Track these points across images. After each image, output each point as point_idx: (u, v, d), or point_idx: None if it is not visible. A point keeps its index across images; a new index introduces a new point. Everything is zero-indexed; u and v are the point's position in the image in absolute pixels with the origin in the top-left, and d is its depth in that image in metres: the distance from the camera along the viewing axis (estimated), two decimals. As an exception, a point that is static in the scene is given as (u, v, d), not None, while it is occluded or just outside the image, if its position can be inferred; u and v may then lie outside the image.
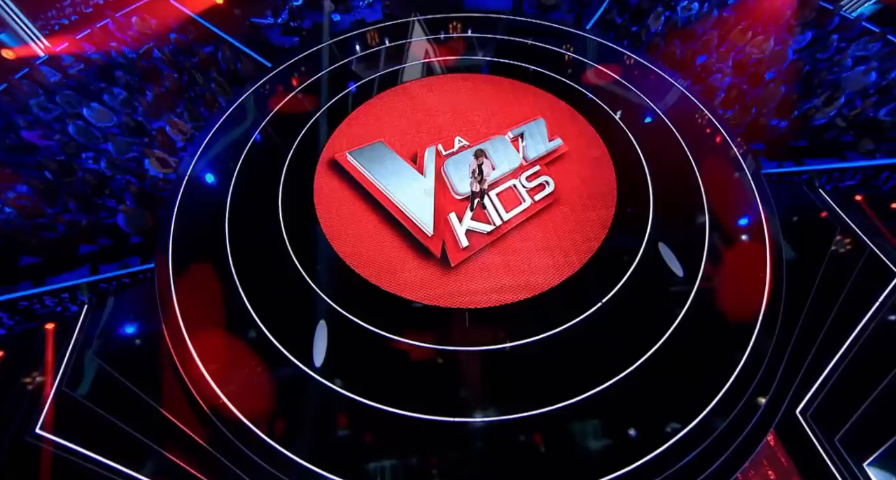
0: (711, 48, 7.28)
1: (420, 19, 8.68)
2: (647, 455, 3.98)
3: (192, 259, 5.61)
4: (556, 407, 4.28)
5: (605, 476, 3.92)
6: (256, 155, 6.80)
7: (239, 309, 5.07)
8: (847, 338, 4.97)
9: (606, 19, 8.51)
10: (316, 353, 4.73)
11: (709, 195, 5.80)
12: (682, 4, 7.97)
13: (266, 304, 5.13)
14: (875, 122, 6.16)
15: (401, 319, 4.96)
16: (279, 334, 4.87)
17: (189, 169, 6.60)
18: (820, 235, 5.65)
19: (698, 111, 6.69)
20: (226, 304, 5.14)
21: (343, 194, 6.17)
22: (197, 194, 6.33)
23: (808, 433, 4.25)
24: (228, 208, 6.08)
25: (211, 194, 6.33)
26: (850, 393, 4.54)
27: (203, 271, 5.48)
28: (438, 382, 4.55)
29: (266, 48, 8.99)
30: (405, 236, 5.66)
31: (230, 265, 5.46)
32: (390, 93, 7.48)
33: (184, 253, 5.66)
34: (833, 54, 6.74)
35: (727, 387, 4.45)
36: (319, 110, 7.25)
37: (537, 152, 6.42)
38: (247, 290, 5.24)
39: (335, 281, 5.30)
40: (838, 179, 6.03)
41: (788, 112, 6.37)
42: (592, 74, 7.35)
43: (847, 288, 5.31)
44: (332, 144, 6.74)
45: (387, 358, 4.71)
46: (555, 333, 4.78)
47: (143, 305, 5.32)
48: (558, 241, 5.51)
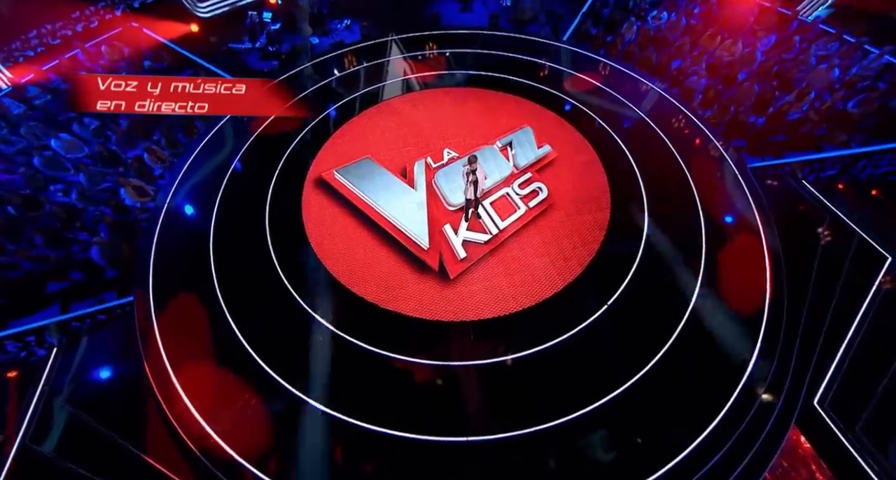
0: (684, 53, 7.86)
1: (397, 38, 9.08)
2: (672, 461, 3.95)
3: (175, 290, 5.47)
4: (574, 417, 4.24)
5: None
6: (240, 179, 6.81)
7: (229, 340, 4.92)
8: (851, 325, 5.17)
9: (582, 31, 9.11)
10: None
11: (700, 191, 6.08)
12: (651, 14, 8.63)
13: (258, 332, 5.00)
14: (845, 114, 6.68)
15: (402, 337, 4.91)
16: (274, 362, 4.73)
17: (168, 196, 6.54)
18: (810, 225, 5.97)
19: (679, 112, 7.13)
20: (214, 335, 4.99)
21: (333, 213, 6.20)
22: (178, 222, 6.26)
23: (828, 423, 4.32)
24: (212, 234, 6.01)
25: (193, 221, 6.27)
26: (863, 378, 4.67)
27: (188, 302, 5.34)
28: (451, 401, 4.47)
29: (245, 72, 9.20)
30: (401, 251, 5.68)
31: (217, 293, 5.35)
32: (374, 111, 7.71)
33: (166, 284, 5.52)
34: (797, 54, 7.36)
35: (742, 385, 4.52)
36: (302, 131, 7.37)
37: (527, 159, 6.66)
38: (236, 319, 5.11)
39: (331, 302, 5.23)
40: (819, 169, 6.45)
41: (764, 109, 6.85)
42: (575, 82, 7.78)
43: (843, 274, 5.57)
44: (318, 164, 6.82)
45: (391, 380, 4.62)
46: (565, 339, 4.81)
47: (121, 343, 5.12)
48: (557, 246, 5.64)
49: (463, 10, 11.35)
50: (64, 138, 6.97)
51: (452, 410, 4.40)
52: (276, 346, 4.90)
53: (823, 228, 5.89)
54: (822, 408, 4.48)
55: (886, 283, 5.43)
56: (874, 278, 5.53)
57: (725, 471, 3.95)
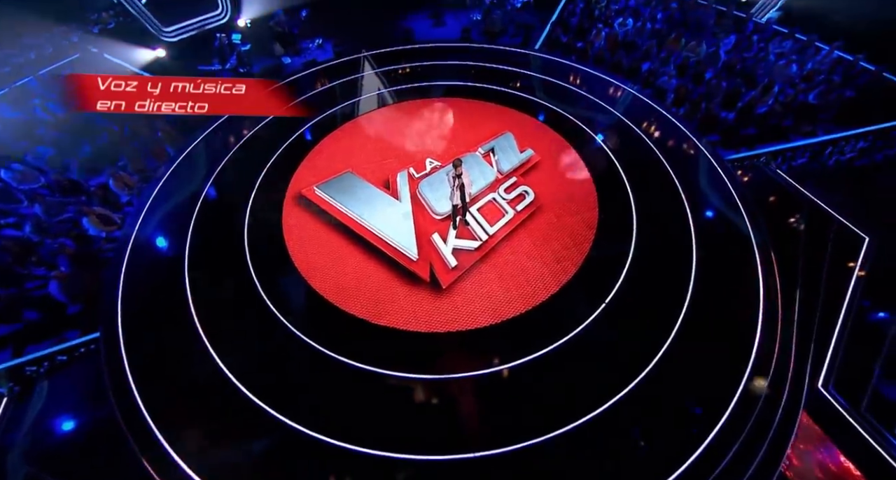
0: (653, 56, 8.35)
1: (369, 55, 9.28)
2: (691, 456, 3.91)
3: (147, 323, 5.19)
4: (589, 419, 4.17)
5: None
6: (214, 201, 6.65)
7: (212, 374, 4.65)
8: (842, 306, 5.37)
9: (552, 39, 9.57)
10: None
11: (683, 184, 6.32)
12: (617, 21, 9.18)
13: (244, 363, 4.75)
14: (807, 106, 7.18)
15: (397, 352, 4.77)
16: (264, 395, 4.48)
17: (137, 224, 6.29)
18: (790, 212, 6.27)
19: (654, 111, 7.49)
20: (195, 371, 4.71)
21: (316, 229, 6.10)
22: (148, 250, 6.01)
23: (834, 405, 4.40)
24: (187, 261, 5.78)
25: (165, 248, 6.03)
26: (860, 358, 4.82)
27: (162, 335, 5.05)
28: (457, 416, 4.32)
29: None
30: (389, 264, 5.61)
31: (195, 324, 5.08)
32: (352, 126, 7.77)
33: (136, 317, 5.23)
34: (757, 53, 7.94)
35: (747, 375, 4.56)
36: (278, 150, 7.32)
37: (511, 164, 6.79)
38: (219, 350, 4.85)
39: (320, 322, 5.06)
40: (791, 158, 6.84)
41: (733, 104, 7.29)
42: (551, 88, 8.09)
43: (827, 257, 5.84)
44: (297, 181, 6.75)
45: (390, 400, 4.44)
46: (566, 341, 4.78)
47: (86, 386, 4.76)
48: (549, 248, 5.69)
49: (435, 25, 11.81)
50: (16, 169, 6.67)
51: (459, 425, 4.25)
52: (266, 376, 4.65)
53: (803, 214, 6.19)
54: (827, 391, 4.57)
55: (867, 264, 5.73)
56: (857, 259, 5.82)
57: (745, 461, 3.94)
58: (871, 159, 7.39)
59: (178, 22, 10.39)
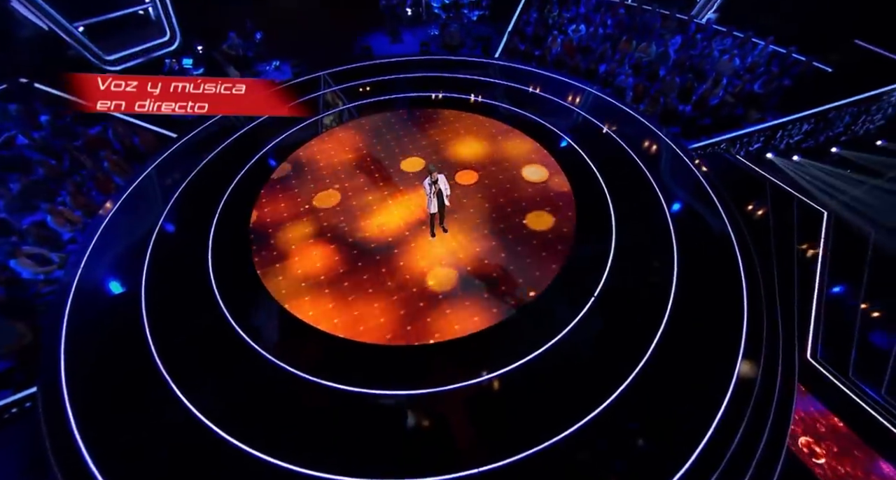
0: (608, 58, 8.87)
1: (328, 72, 9.26)
2: (699, 446, 3.88)
3: (99, 373, 4.67)
4: (602, 410, 4.07)
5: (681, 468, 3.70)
6: (173, 234, 6.25)
7: (185, 423, 4.19)
8: (815, 278, 5.68)
9: (510, 48, 10.00)
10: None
11: (653, 174, 6.59)
12: (571, 28, 9.75)
13: (222, 406, 4.35)
14: (754, 96, 7.80)
15: (385, 370, 4.54)
16: (252, 440, 4.07)
17: (82, 263, 5.76)
18: (753, 194, 6.66)
19: (617, 108, 7.86)
20: (162, 421, 4.24)
21: (289, 253, 5.84)
22: (96, 292, 5.50)
23: (825, 374, 4.56)
24: (144, 301, 5.30)
25: (117, 288, 5.54)
26: (840, 325, 5.08)
27: (119, 385, 4.56)
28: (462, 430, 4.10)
29: (167, 121, 8.80)
30: (370, 280, 5.42)
31: (159, 369, 4.61)
32: (318, 142, 7.64)
33: (84, 368, 4.71)
34: (703, 50, 8.63)
35: (741, 357, 4.63)
36: (238, 175, 7.02)
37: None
38: (192, 398, 4.39)
39: (303, 349, 4.77)
40: (747, 144, 7.34)
41: (688, 97, 7.80)
42: (511, 93, 8.35)
43: (795, 234, 6.21)
44: (263, 207, 6.46)
45: (383, 422, 4.17)
46: (563, 336, 4.73)
47: (19, 454, 4.15)
48: (532, 248, 5.70)
49: (393, 41, 12.09)
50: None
51: (465, 439, 4.03)
52: (251, 418, 4.27)
53: (766, 195, 6.60)
54: (816, 362, 4.73)
55: (829, 236, 6.15)
56: (819, 232, 6.23)
57: (752, 441, 3.94)
58: (815, 140, 8.08)
59: (121, 50, 10.02)
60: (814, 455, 3.78)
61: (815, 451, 3.80)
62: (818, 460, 3.74)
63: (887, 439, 4.13)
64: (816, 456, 3.76)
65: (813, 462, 3.76)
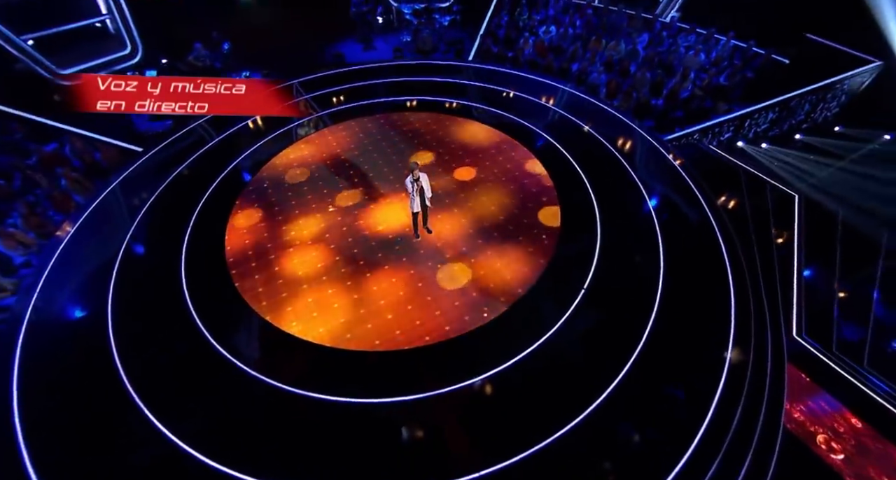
0: (580, 57, 9.14)
1: (299, 81, 9.15)
2: (700, 430, 3.90)
3: (60, 411, 4.35)
4: (607, 396, 4.04)
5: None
6: (142, 253, 5.96)
7: (167, 458, 3.92)
8: (793, 259, 5.91)
9: (483, 50, 10.18)
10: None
11: (633, 166, 6.75)
12: (542, 30, 10.03)
13: (206, 433, 4.11)
14: (721, 88, 8.17)
15: (377, 378, 4.41)
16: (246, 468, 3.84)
17: (37, 289, 5.39)
18: (728, 181, 6.91)
19: (592, 104, 8.07)
20: (142, 462, 3.95)
21: (270, 264, 5.66)
22: (55, 320, 5.16)
23: (812, 351, 4.71)
24: (112, 329, 4.98)
25: (79, 315, 5.22)
26: (819, 302, 5.28)
27: (87, 424, 4.24)
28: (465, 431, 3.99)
29: (133, 135, 8.49)
30: (355, 286, 5.30)
31: (137, 404, 4.31)
32: (289, 152, 7.52)
33: (42, 407, 4.37)
34: (669, 46, 9.01)
35: (731, 341, 4.72)
36: (209, 189, 6.79)
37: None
38: (178, 430, 4.11)
39: (291, 363, 4.60)
40: (718, 134, 7.65)
41: (659, 92, 8.10)
42: (485, 93, 8.47)
43: (771, 218, 6.46)
44: (236, 223, 6.25)
45: (371, 431, 4.03)
46: (557, 330, 4.72)
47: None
48: (518, 244, 5.72)
49: (366, 49, 12.12)
50: None
51: (464, 444, 3.93)
52: (243, 446, 4.03)
53: (740, 181, 6.86)
54: (803, 339, 4.88)
55: (802, 218, 6.44)
56: (792, 215, 6.51)
57: (750, 420, 4.00)
58: (780, 128, 8.51)
59: (77, 64, 9.61)
60: (832, 451, 3.95)
61: (833, 448, 3.97)
62: (837, 456, 3.91)
63: (870, 404, 4.35)
64: (835, 452, 3.93)
65: (832, 458, 3.92)
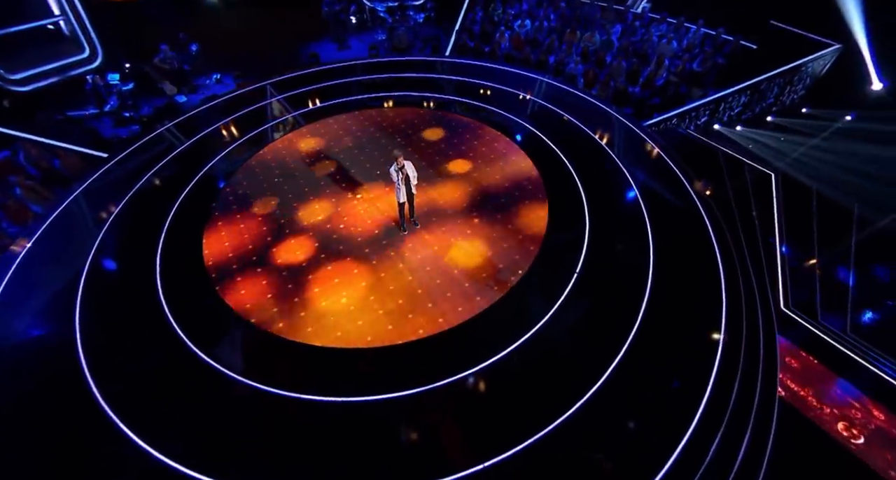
0: (556, 49, 9.28)
1: (270, 83, 8.97)
2: (699, 409, 3.93)
3: (25, 443, 4.08)
4: (601, 385, 4.02)
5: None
6: (108, 268, 5.66)
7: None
8: (774, 235, 6.10)
9: (460, 46, 10.23)
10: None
11: (616, 152, 6.85)
12: (517, 23, 10.16)
13: (196, 447, 3.90)
14: (694, 74, 8.43)
15: (372, 376, 4.30)
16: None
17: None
18: (708, 163, 7.11)
19: (572, 94, 8.17)
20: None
21: (253, 265, 5.48)
22: (10, 342, 4.82)
23: (799, 321, 4.85)
24: (83, 350, 4.69)
25: (42, 336, 4.90)
26: (801, 274, 5.45)
27: (58, 453, 3.97)
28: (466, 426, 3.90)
29: (97, 141, 8.14)
30: (343, 284, 5.17)
31: (118, 425, 4.05)
32: (267, 152, 7.34)
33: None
34: (643, 36, 9.25)
35: (724, 319, 4.77)
36: (182, 193, 6.53)
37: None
38: (164, 448, 3.87)
39: (283, 366, 4.46)
40: (695, 118, 7.88)
41: (636, 80, 8.29)
42: (470, 87, 8.49)
43: (751, 196, 6.67)
44: (215, 229, 6.03)
45: (366, 430, 3.91)
46: (553, 315, 4.70)
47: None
48: (507, 232, 5.70)
49: (341, 48, 12.03)
50: None
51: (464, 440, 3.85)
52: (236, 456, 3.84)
53: (720, 163, 7.07)
54: (790, 310, 5.02)
55: (780, 195, 6.68)
56: (770, 194, 6.75)
57: (748, 395, 4.06)
58: (752, 111, 8.83)
59: (29, 68, 9.12)
60: (852, 436, 4.09)
61: (853, 433, 4.11)
62: (856, 440, 4.04)
63: (853, 367, 4.57)
64: (854, 437, 4.08)
65: (852, 442, 4.06)
